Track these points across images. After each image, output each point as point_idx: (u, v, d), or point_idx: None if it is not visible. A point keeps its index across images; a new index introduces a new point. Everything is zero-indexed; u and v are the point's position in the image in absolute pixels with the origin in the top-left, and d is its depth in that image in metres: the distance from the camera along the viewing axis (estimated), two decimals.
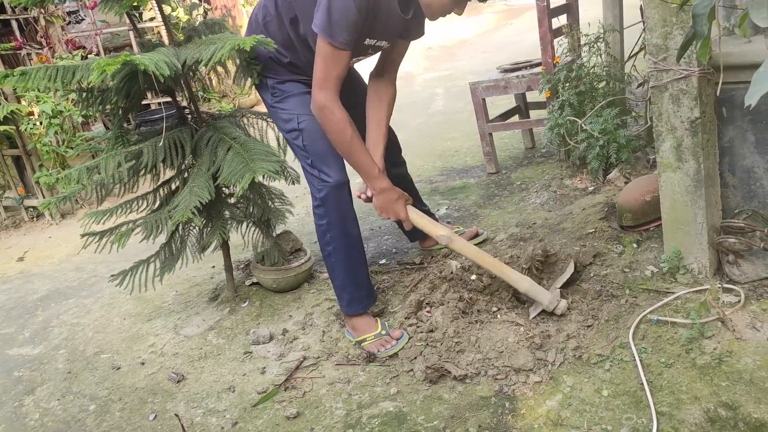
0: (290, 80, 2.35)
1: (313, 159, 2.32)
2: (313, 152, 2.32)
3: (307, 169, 2.36)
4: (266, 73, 2.37)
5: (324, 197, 2.32)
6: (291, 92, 2.35)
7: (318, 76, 2.12)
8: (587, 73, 3.26)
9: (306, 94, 2.32)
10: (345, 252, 2.40)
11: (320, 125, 2.20)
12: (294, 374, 2.33)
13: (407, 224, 2.38)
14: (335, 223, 2.36)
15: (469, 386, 2.06)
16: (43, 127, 4.72)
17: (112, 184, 2.61)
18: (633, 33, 3.25)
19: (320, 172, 2.31)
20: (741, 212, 2.16)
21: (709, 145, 2.08)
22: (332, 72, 2.10)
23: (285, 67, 2.35)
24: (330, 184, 2.30)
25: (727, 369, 1.81)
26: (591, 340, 2.10)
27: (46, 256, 4.27)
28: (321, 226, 2.39)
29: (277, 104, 2.37)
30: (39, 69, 2.32)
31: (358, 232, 2.44)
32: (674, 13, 1.92)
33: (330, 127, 2.17)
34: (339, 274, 2.43)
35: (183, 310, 3.01)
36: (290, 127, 2.35)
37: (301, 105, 2.33)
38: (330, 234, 2.38)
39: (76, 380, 2.63)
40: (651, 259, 2.35)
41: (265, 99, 2.43)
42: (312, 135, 2.32)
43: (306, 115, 2.31)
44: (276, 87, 2.36)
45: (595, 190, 3.16)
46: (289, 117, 2.35)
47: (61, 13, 5.60)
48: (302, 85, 2.35)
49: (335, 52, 2.07)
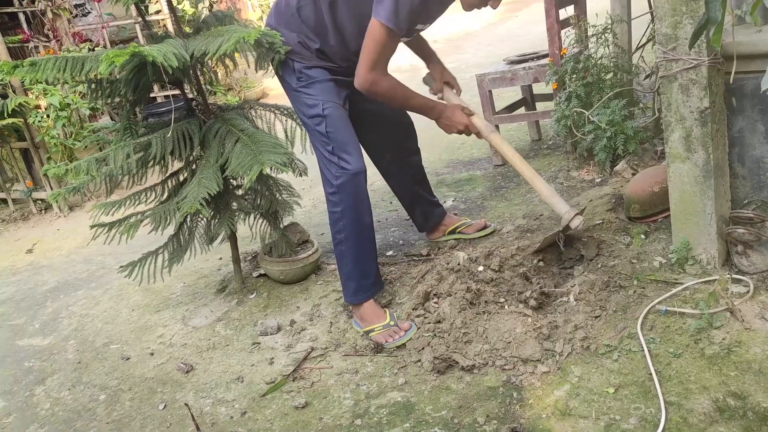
0: (317, 66, 2.35)
1: (333, 146, 2.33)
2: (335, 139, 2.33)
3: (325, 155, 2.36)
4: (293, 57, 2.35)
5: (341, 184, 2.33)
6: (317, 78, 2.35)
7: (370, 58, 2.18)
8: (594, 65, 3.25)
9: (331, 81, 2.36)
10: (356, 240, 2.41)
11: (369, 95, 2.29)
12: (302, 364, 2.35)
13: (473, 129, 2.45)
14: (349, 210, 2.37)
15: (476, 376, 2.06)
16: (51, 119, 4.74)
17: (121, 176, 2.63)
18: (641, 24, 3.23)
19: (339, 159, 2.32)
20: (750, 203, 2.15)
21: (718, 135, 2.07)
22: (384, 55, 2.20)
23: (313, 53, 2.35)
24: (349, 171, 2.32)
25: (736, 359, 1.81)
26: (599, 331, 2.10)
27: (55, 248, 4.29)
28: (334, 213, 2.40)
29: (302, 89, 2.37)
30: (48, 60, 2.33)
31: (371, 220, 2.45)
32: (684, 2, 1.91)
33: (383, 96, 2.30)
34: (347, 262, 2.44)
35: (191, 301, 3.03)
36: (314, 113, 2.35)
37: (327, 91, 2.35)
38: (343, 221, 2.39)
39: (86, 370, 2.65)
40: (659, 250, 2.34)
41: (288, 82, 2.41)
42: (335, 122, 2.34)
43: (330, 102, 2.34)
44: (303, 72, 2.35)
45: (603, 182, 3.15)
46: (314, 102, 2.35)
47: (68, 5, 5.61)
48: (328, 72, 2.37)
49: (393, 38, 2.16)
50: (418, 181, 2.88)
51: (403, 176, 2.85)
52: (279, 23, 2.37)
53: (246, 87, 7.74)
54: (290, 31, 2.34)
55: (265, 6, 10.28)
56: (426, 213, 2.93)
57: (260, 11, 10.30)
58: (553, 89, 3.46)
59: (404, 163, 2.81)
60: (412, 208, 2.93)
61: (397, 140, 2.75)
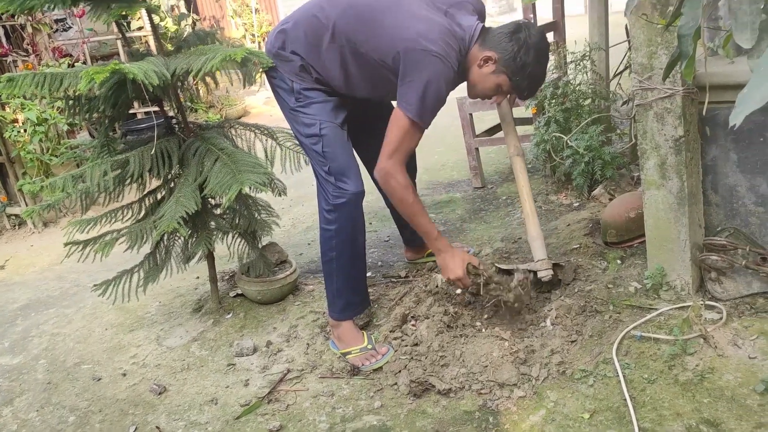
0: (316, 89, 2.34)
1: (331, 166, 2.32)
2: (332, 159, 2.32)
3: (322, 175, 2.35)
4: (292, 77, 2.33)
5: (339, 204, 2.32)
6: (315, 99, 2.34)
7: (391, 147, 2.18)
8: (573, 91, 3.30)
9: (330, 102, 2.35)
10: (349, 259, 2.41)
11: (383, 188, 2.28)
12: (277, 387, 2.32)
13: (466, 284, 2.34)
14: (344, 230, 2.36)
15: (453, 400, 2.06)
16: (28, 134, 4.68)
17: (98, 193, 2.59)
18: (618, 51, 3.30)
19: (337, 179, 2.32)
20: (723, 230, 2.19)
21: (692, 163, 2.11)
22: (406, 145, 2.20)
23: (313, 79, 2.33)
24: (349, 192, 2.32)
25: (709, 386, 1.83)
26: (575, 356, 2.10)
27: (28, 264, 4.21)
28: (327, 231, 2.38)
29: (300, 108, 2.35)
30: (26, 75, 2.30)
31: (364, 239, 2.46)
32: (659, 33, 1.95)
33: (394, 193, 2.25)
34: (337, 280, 2.43)
35: (166, 320, 2.99)
36: (311, 132, 2.33)
37: (324, 111, 2.34)
38: (336, 240, 2.37)
39: (56, 391, 2.59)
40: (635, 276, 2.37)
41: (286, 101, 2.38)
42: (332, 142, 2.33)
43: (328, 122, 2.33)
44: (301, 92, 2.33)
45: (580, 206, 3.19)
46: (311, 122, 2.33)
47: (48, 20, 5.57)
48: (325, 94, 2.35)
49: (416, 129, 2.17)
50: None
51: None
52: (284, 48, 2.32)
53: (228, 105, 7.73)
54: (295, 55, 2.30)
55: (248, 25, 10.32)
56: (413, 230, 2.93)
57: (243, 30, 10.34)
58: (532, 114, 3.51)
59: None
60: (401, 223, 2.93)
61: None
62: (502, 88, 2.21)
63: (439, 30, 2.10)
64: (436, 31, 2.09)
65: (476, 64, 2.18)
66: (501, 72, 2.16)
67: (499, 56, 2.13)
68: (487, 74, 2.18)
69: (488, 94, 2.26)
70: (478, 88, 2.25)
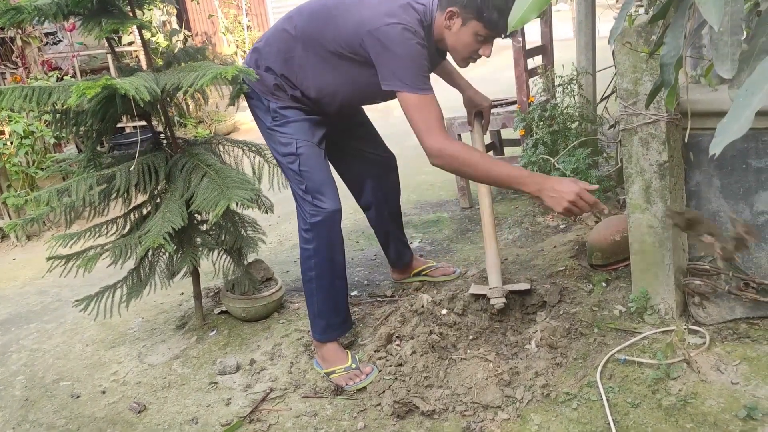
0: (292, 107, 2.35)
1: (308, 184, 2.32)
2: (309, 178, 2.32)
3: (299, 193, 2.36)
4: (268, 96, 2.34)
5: (316, 223, 2.32)
6: (292, 118, 2.34)
7: (421, 128, 2.09)
8: (561, 113, 3.34)
9: (306, 121, 2.35)
10: (329, 279, 2.40)
11: (448, 169, 2.17)
12: (260, 406, 2.29)
13: (602, 207, 2.02)
14: (322, 249, 2.36)
15: (436, 422, 2.04)
16: (14, 147, 4.65)
17: (83, 208, 2.57)
18: (605, 76, 3.34)
19: (314, 198, 2.32)
20: (707, 255, 2.21)
21: (676, 188, 2.13)
22: (431, 116, 2.10)
23: (289, 97, 2.34)
24: (325, 210, 2.31)
25: (692, 411, 1.83)
26: (559, 378, 2.10)
27: (9, 278, 4.16)
28: (306, 251, 2.38)
29: (276, 127, 2.36)
30: (15, 89, 2.29)
31: (344, 259, 2.45)
32: (644, 60, 1.98)
33: (458, 165, 2.12)
34: (317, 300, 2.42)
35: (148, 337, 2.95)
36: (287, 151, 2.34)
37: (301, 130, 2.34)
38: (314, 260, 2.37)
39: (33, 408, 2.54)
40: (619, 299, 2.38)
41: (263, 121, 2.39)
42: (309, 161, 2.33)
43: (304, 141, 2.33)
44: (278, 111, 2.34)
45: (566, 229, 3.20)
46: (287, 141, 2.34)
47: (38, 34, 5.56)
48: (302, 112, 2.36)
49: (424, 98, 2.10)
50: (393, 218, 2.88)
51: (380, 212, 2.83)
52: (258, 66, 2.35)
53: (217, 120, 7.73)
54: (269, 74, 2.32)
55: (240, 41, 10.36)
56: (399, 251, 2.94)
57: (235, 46, 10.37)
58: (520, 135, 3.54)
59: (384, 200, 2.80)
60: (386, 244, 2.93)
61: (378, 175, 2.74)
62: (479, 36, 2.14)
63: (397, 6, 2.11)
64: (395, 7, 2.11)
65: (445, 27, 2.17)
66: (469, 19, 2.11)
67: (459, 5, 2.11)
68: (459, 29, 2.14)
69: (473, 50, 2.19)
70: (460, 49, 2.20)
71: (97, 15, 2.42)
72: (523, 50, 3.49)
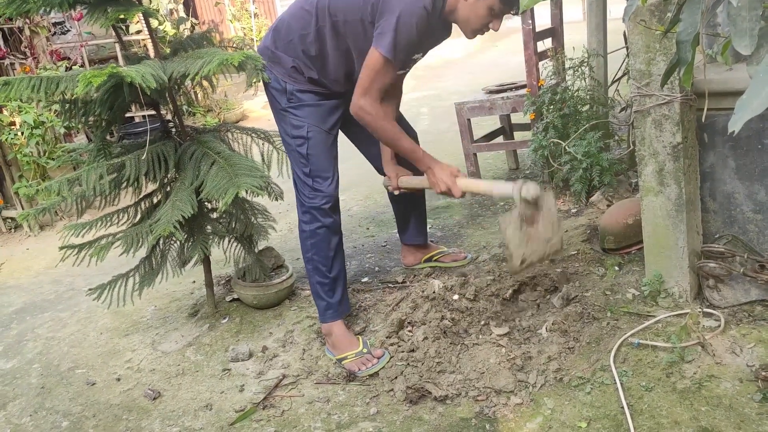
0: (308, 91, 2.39)
1: (311, 168, 2.40)
2: (314, 162, 2.39)
3: (300, 176, 2.42)
4: (285, 78, 2.38)
5: (313, 206, 2.40)
6: (307, 102, 2.39)
7: (364, 85, 2.21)
8: (571, 97, 3.30)
9: (321, 106, 2.41)
10: (325, 260, 2.45)
11: (362, 125, 2.30)
12: (273, 392, 2.30)
13: (456, 192, 2.31)
14: (319, 231, 2.43)
15: (449, 407, 2.04)
16: (25, 137, 4.66)
17: (93, 197, 2.58)
18: (616, 58, 3.29)
19: (314, 181, 2.39)
20: (721, 237, 2.18)
21: (690, 170, 2.10)
22: (379, 82, 2.22)
23: (306, 79, 2.38)
24: (323, 194, 2.39)
25: (707, 393, 1.82)
26: (572, 363, 2.09)
27: (23, 268, 4.19)
28: (304, 233, 2.46)
29: (291, 109, 2.40)
30: (22, 79, 2.29)
31: (340, 241, 2.50)
32: (658, 40, 1.95)
33: (370, 125, 2.27)
34: (317, 280, 2.48)
35: (161, 325, 2.97)
36: (298, 134, 2.40)
37: (314, 115, 2.40)
38: (311, 241, 2.44)
39: (50, 396, 2.57)
40: (632, 282, 2.36)
41: (278, 101, 2.42)
42: (317, 146, 2.40)
43: (315, 126, 2.40)
44: (294, 94, 2.39)
45: (578, 213, 3.18)
46: (300, 124, 2.39)
47: (46, 23, 5.56)
48: (317, 96, 2.41)
49: (388, 66, 2.20)
50: (416, 207, 2.89)
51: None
52: (277, 47, 2.39)
53: (226, 109, 7.72)
54: (287, 55, 2.36)
55: (247, 29, 10.33)
56: (418, 228, 2.93)
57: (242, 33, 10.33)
58: (530, 119, 3.50)
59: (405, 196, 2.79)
60: (406, 218, 2.92)
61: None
62: (493, 9, 2.17)
63: None
64: None
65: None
66: None
67: None
68: (475, 1, 2.17)
69: (485, 23, 2.23)
70: (472, 21, 2.23)
71: (103, 3, 2.40)
72: (533, 33, 3.45)
